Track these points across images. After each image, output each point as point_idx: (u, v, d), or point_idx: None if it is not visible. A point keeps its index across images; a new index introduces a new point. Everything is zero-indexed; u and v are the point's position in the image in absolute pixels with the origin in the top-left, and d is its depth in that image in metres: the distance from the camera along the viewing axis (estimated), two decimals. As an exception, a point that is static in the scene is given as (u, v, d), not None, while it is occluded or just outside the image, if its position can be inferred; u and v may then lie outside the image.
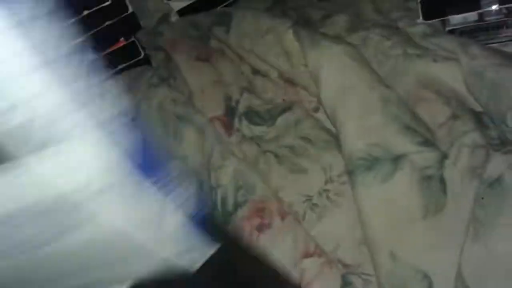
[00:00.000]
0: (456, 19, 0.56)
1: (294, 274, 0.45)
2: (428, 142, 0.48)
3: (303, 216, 0.50)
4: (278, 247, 0.47)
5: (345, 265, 0.47)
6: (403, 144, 0.47)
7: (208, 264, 0.39)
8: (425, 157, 0.47)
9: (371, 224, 0.46)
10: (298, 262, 0.46)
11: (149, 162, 0.36)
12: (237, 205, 0.50)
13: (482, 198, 0.45)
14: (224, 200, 0.50)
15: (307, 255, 0.47)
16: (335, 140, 0.52)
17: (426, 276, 0.43)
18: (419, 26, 0.57)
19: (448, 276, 0.43)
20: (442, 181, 0.47)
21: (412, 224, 0.45)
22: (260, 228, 0.48)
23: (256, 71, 0.60)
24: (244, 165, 0.52)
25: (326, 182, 0.51)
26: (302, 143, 0.53)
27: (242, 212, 0.49)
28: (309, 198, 0.50)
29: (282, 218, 0.49)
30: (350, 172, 0.48)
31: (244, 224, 0.49)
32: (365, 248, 0.47)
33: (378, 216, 0.46)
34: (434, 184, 0.46)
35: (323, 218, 0.49)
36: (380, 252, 0.45)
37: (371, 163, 0.47)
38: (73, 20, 0.58)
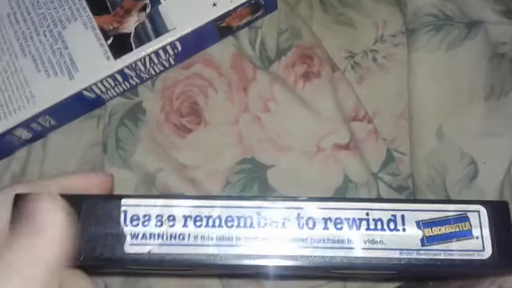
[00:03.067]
0: None
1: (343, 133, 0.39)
2: (511, 13, 0.40)
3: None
4: (325, 101, 0.40)
5: (379, 138, 0.41)
6: (482, 8, 0.39)
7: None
8: (503, 30, 0.39)
9: (424, 94, 0.39)
10: (346, 122, 0.40)
11: None
12: (280, 52, 0.41)
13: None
14: (263, 45, 0.42)
15: (355, 118, 0.40)
16: (397, -7, 0.44)
17: (473, 163, 0.37)
18: None
19: (497, 168, 0.37)
20: (515, 63, 0.40)
21: (471, 103, 0.38)
22: (307, 76, 0.41)
23: None
24: (286, 6, 0.43)
25: (375, 41, 0.43)
26: (355, -8, 0.44)
27: (286, 60, 0.41)
28: (352, 55, 0.43)
29: (333, 70, 0.41)
30: (412, 31, 0.40)
31: (288, 73, 0.41)
32: (404, 122, 0.41)
33: (435, 87, 0.39)
34: (505, 64, 0.39)
35: (364, 80, 0.42)
36: (426, 128, 0.39)
37: (441, 23, 0.39)
38: None
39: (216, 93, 0.41)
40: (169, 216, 0.25)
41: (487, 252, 0.24)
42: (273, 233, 0.25)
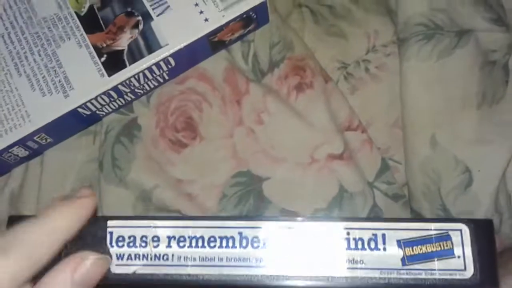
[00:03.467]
0: None
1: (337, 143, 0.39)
2: (501, 21, 0.40)
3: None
4: (318, 111, 0.40)
5: (373, 148, 0.41)
6: (472, 16, 0.40)
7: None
8: (494, 38, 0.40)
9: (417, 103, 0.39)
10: (340, 132, 0.40)
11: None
12: (273, 64, 0.42)
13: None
14: (255, 58, 0.42)
15: (349, 128, 0.40)
16: (387, 3, 0.44)
17: (467, 171, 0.38)
18: None
19: (491, 175, 0.37)
20: (506, 69, 0.40)
21: (463, 111, 0.38)
22: (300, 88, 0.41)
23: None
24: (277, 18, 0.43)
25: (367, 51, 0.43)
26: (346, 3, 0.44)
27: (278, 72, 0.41)
28: (344, 66, 0.43)
29: (326, 81, 0.42)
30: (403, 40, 0.40)
31: (281, 84, 0.41)
32: (398, 131, 0.41)
33: (427, 95, 0.39)
34: (496, 71, 0.39)
35: (357, 90, 0.42)
36: (419, 136, 0.39)
37: (432, 32, 0.39)
38: None
39: (210, 107, 0.41)
40: (153, 237, 0.25)
41: (469, 272, 0.24)
42: (255, 253, 0.25)
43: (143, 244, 0.25)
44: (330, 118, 0.40)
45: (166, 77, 0.41)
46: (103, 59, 0.39)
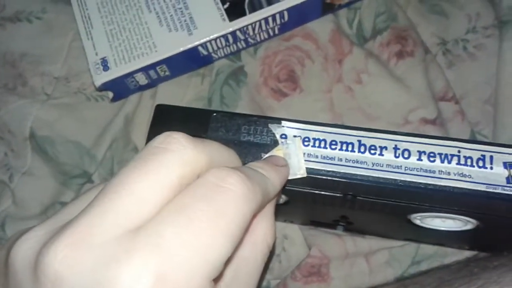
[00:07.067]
0: None
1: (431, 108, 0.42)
2: None
3: (431, 59, 0.45)
4: (417, 78, 0.43)
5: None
6: None
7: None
8: None
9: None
10: (434, 100, 0.42)
11: None
12: (376, 31, 0.45)
13: None
14: (360, 25, 0.46)
15: (443, 98, 0.43)
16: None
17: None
18: None
19: None
20: None
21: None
22: (400, 55, 0.44)
23: None
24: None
25: (467, 32, 0.45)
26: (451, -13, 0.47)
27: (381, 39, 0.45)
28: (443, 43, 0.45)
29: (426, 52, 0.44)
30: (506, 22, 0.42)
31: (382, 50, 0.44)
32: (489, 108, 0.43)
33: (524, 74, 0.41)
34: None
35: (453, 66, 0.44)
36: (510, 114, 0.41)
37: (537, 15, 0.41)
38: None
39: (312, 63, 0.45)
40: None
41: None
42: (370, 159, 0.28)
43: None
44: (427, 85, 0.42)
45: (276, 32, 0.45)
46: (226, 6, 0.43)
